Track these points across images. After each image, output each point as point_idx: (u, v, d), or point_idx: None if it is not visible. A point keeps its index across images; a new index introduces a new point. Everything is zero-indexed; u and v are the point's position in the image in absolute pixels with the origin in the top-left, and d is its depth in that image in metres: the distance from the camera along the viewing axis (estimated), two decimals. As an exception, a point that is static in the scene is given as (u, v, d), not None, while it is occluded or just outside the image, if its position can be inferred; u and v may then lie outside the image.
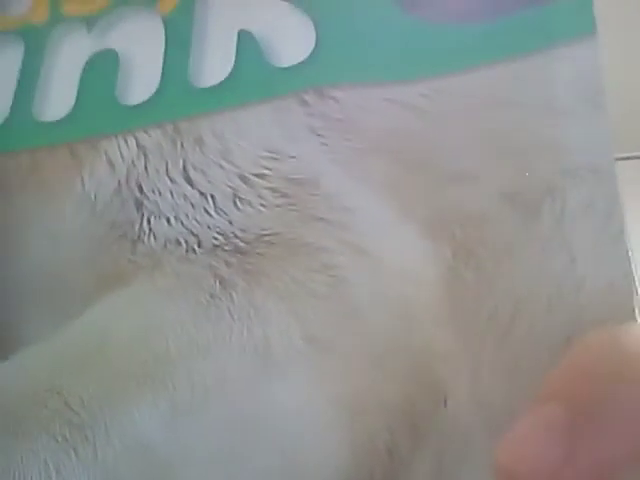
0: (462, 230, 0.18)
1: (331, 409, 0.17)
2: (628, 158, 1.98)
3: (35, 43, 0.21)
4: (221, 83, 0.20)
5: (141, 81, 0.20)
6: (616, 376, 0.14)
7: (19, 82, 0.21)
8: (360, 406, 0.17)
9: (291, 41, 0.20)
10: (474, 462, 0.17)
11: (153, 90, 0.20)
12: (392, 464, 0.17)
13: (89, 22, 0.21)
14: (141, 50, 0.21)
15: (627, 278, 0.17)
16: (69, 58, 0.21)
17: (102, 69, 0.21)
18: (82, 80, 0.21)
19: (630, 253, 0.17)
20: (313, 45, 0.19)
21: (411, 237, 0.18)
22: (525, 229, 0.18)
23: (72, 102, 0.21)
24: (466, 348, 0.17)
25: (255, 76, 0.19)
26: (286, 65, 0.19)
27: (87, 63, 0.21)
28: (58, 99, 0.21)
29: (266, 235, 0.19)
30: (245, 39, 0.20)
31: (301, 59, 0.19)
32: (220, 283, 0.18)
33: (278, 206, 0.19)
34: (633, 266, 0.17)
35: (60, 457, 0.17)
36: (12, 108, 0.21)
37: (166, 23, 0.21)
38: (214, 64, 0.20)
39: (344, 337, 0.18)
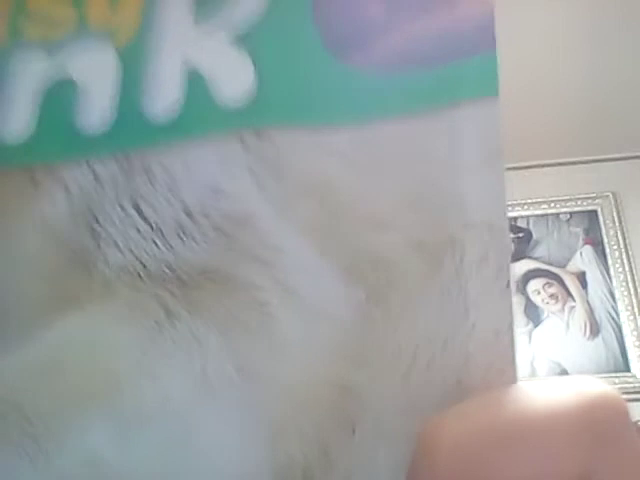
0: (375, 274, 0.19)
1: (257, 433, 0.19)
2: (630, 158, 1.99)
3: None
4: (170, 118, 0.21)
5: (98, 112, 0.21)
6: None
7: None
8: (281, 432, 0.19)
9: (233, 80, 0.21)
10: None
11: (108, 121, 0.21)
12: None
13: (49, 48, 0.22)
14: (98, 81, 0.21)
15: (509, 327, 0.19)
16: (28, 83, 0.22)
17: (61, 97, 0.22)
18: (42, 106, 0.21)
19: (514, 306, 0.19)
20: (252, 85, 0.20)
21: (330, 279, 0.19)
22: (429, 277, 0.19)
23: (32, 128, 0.21)
24: (373, 384, 0.19)
25: (200, 113, 0.20)
26: (228, 103, 0.20)
27: (46, 90, 0.22)
28: (18, 123, 0.22)
29: (207, 271, 0.20)
30: (192, 75, 0.21)
31: (242, 98, 0.20)
32: (165, 312, 0.20)
33: (219, 243, 0.20)
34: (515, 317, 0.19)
35: (19, 467, 0.19)
36: None
37: (121, 56, 0.21)
38: (164, 99, 0.21)
39: (270, 369, 0.19)
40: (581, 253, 1.97)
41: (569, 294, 1.94)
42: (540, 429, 0.16)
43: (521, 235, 2.03)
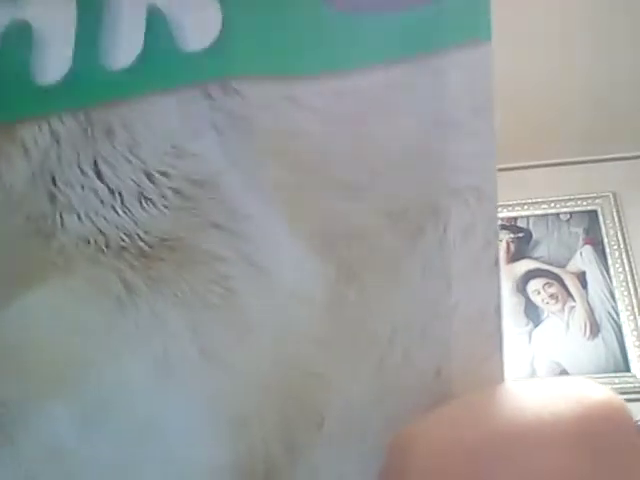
0: (348, 248, 0.17)
1: (217, 419, 0.17)
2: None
3: None
4: (131, 66, 0.18)
5: (54, 59, 0.19)
6: None
7: None
8: (242, 419, 0.17)
9: (198, 22, 0.18)
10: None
11: (66, 70, 0.19)
12: (268, 476, 0.17)
13: None
14: (54, 24, 0.19)
15: (497, 309, 0.17)
16: None
17: (16, 43, 0.19)
18: None
19: (501, 284, 0.17)
20: (219, 29, 0.18)
21: (300, 252, 0.18)
22: (408, 251, 0.17)
23: None
24: (343, 372, 0.17)
25: (162, 61, 0.18)
26: (192, 50, 0.18)
27: (1, 36, 0.20)
28: None
29: (168, 239, 0.18)
30: (153, 16, 0.18)
31: (207, 44, 0.18)
32: (125, 288, 0.18)
33: (180, 209, 0.18)
34: (503, 299, 0.17)
35: None
36: None
37: None
38: (124, 44, 0.18)
39: (233, 351, 0.17)
40: (581, 253, 1.96)
41: (569, 294, 1.92)
42: (532, 443, 0.15)
43: (521, 235, 2.02)
